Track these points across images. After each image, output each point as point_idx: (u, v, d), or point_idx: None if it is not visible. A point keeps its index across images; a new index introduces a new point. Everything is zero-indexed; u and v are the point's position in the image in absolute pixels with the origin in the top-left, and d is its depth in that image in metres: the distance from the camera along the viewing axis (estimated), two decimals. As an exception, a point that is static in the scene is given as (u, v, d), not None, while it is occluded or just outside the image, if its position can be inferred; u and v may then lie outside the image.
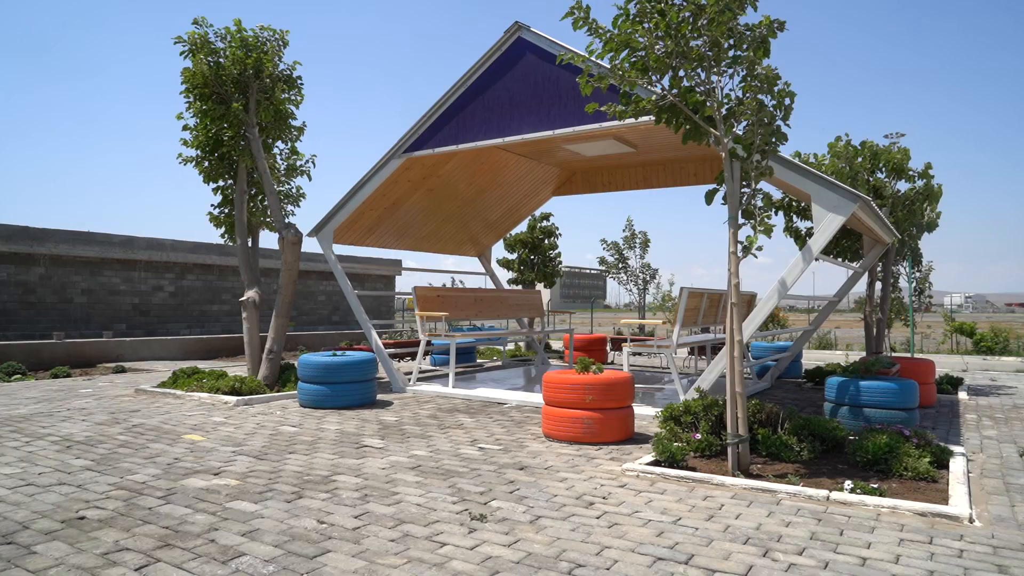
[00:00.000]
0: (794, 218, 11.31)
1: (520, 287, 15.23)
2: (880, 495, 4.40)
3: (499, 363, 13.42)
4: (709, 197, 5.72)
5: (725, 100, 5.42)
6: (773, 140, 5.49)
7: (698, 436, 5.80)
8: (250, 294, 9.66)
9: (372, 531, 3.77)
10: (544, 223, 14.81)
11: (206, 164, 9.97)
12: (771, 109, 5.33)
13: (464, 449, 5.93)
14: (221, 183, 10.34)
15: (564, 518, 4.02)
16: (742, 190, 5.47)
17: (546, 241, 14.75)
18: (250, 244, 10.25)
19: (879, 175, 10.38)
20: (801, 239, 11.81)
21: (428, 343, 10.32)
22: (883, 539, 3.69)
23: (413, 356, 12.44)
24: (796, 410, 6.20)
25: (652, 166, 11.84)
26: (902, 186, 10.42)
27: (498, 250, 19.03)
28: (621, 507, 4.25)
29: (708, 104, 5.40)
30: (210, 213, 10.50)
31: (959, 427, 7.18)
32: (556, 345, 19.38)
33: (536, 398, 8.53)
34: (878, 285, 11.22)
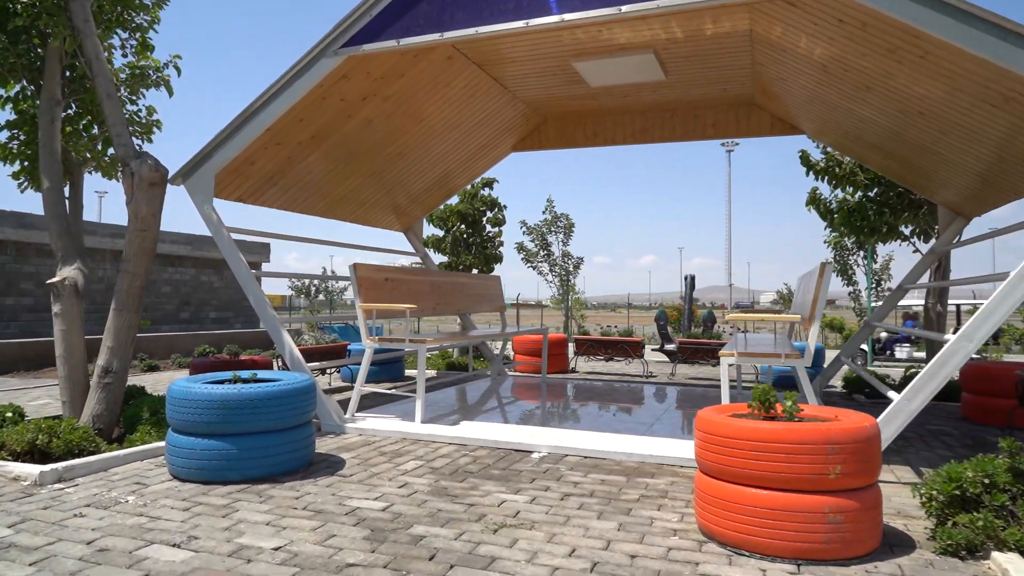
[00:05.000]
0: (838, 189, 8.91)
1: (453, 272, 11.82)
2: None
3: (432, 373, 9.99)
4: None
5: None
6: None
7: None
8: (68, 272, 5.61)
9: None
10: (486, 191, 11.49)
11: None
12: None
13: (611, 604, 2.64)
14: (14, 88, 6.15)
15: None
16: None
17: (488, 215, 11.45)
18: (68, 192, 6.16)
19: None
20: (829, 214, 9.50)
21: (407, 350, 6.67)
22: None
23: (323, 371, 8.72)
24: None
25: (657, 113, 8.97)
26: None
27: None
28: None
29: None
30: (-8, 139, 6.25)
31: None
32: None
33: (577, 438, 5.32)
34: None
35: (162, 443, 4.92)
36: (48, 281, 5.59)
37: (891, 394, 5.03)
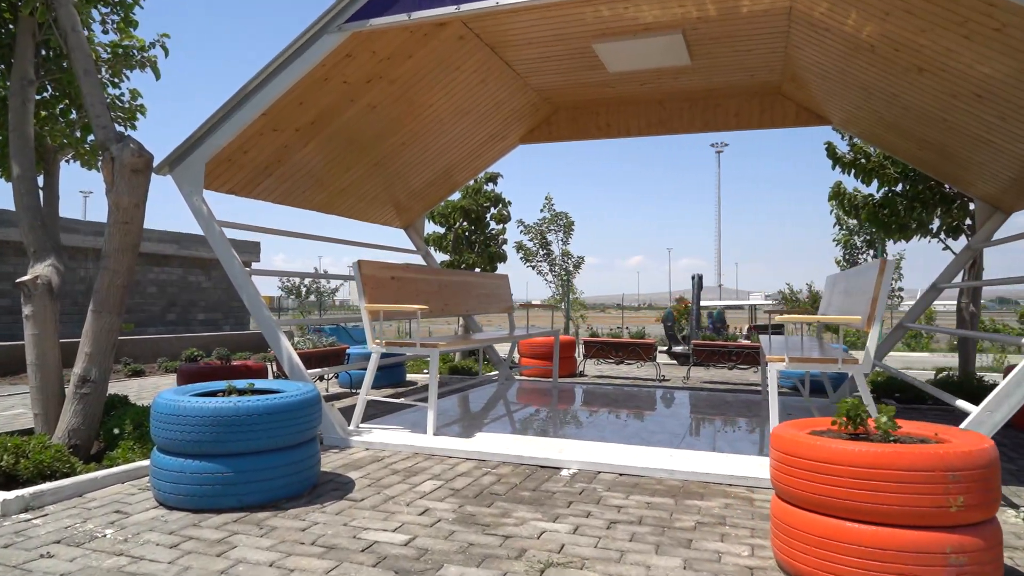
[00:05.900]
0: (864, 183, 8.44)
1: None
2: None
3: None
4: None
5: None
6: None
7: None
8: (41, 270, 5.03)
9: None
10: (490, 187, 10.96)
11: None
12: None
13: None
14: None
15: None
16: None
17: (493, 211, 10.91)
18: (42, 182, 5.60)
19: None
20: (854, 210, 9.04)
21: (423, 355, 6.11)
22: None
23: (321, 377, 8.16)
24: None
25: (676, 103, 8.49)
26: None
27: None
28: None
29: None
30: (-42, 123, 5.66)
31: None
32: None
33: (608, 452, 4.80)
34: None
35: (146, 462, 4.37)
36: (18, 280, 5.01)
37: (960, 403, 4.55)
